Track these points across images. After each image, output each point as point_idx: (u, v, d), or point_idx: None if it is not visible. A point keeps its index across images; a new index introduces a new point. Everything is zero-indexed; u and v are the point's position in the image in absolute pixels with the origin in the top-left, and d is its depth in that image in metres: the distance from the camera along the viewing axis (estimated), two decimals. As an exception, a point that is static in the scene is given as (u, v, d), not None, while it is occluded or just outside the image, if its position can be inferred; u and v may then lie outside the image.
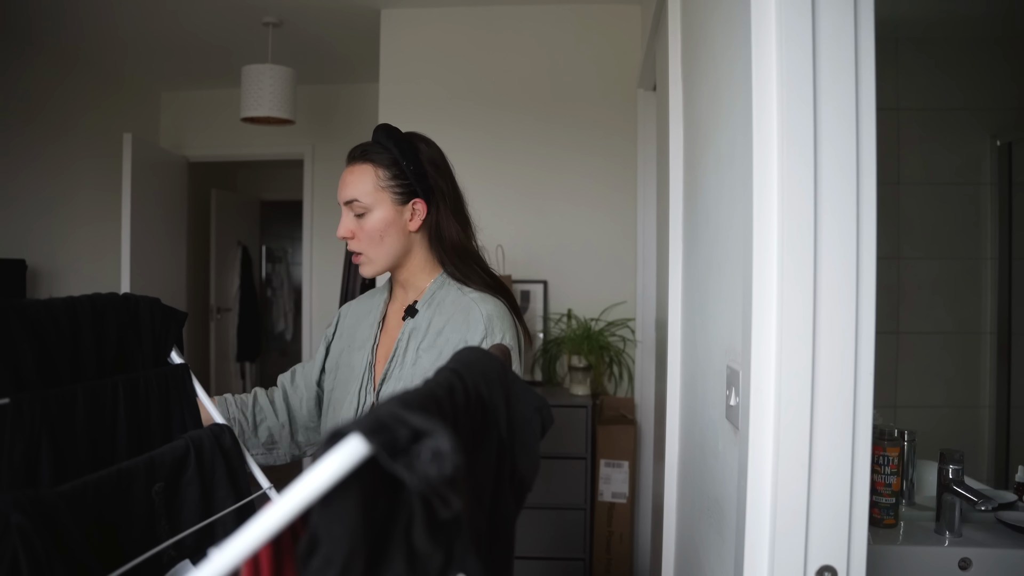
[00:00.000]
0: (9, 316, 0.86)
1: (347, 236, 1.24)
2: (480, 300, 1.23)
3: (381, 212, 1.23)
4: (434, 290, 1.27)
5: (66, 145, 3.95)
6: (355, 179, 1.23)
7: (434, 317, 1.24)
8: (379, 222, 1.23)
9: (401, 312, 1.30)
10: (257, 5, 3.23)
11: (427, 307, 1.26)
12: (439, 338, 1.21)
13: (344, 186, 1.24)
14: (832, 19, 0.81)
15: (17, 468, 0.81)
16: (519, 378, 0.70)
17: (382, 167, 1.23)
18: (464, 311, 1.22)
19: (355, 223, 1.24)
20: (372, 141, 1.26)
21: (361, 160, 1.24)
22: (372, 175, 1.23)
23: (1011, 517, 1.38)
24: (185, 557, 0.90)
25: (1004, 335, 1.87)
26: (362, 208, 1.22)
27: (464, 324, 1.20)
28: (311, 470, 0.37)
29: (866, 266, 0.81)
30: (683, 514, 1.54)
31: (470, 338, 1.19)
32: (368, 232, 1.23)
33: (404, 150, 1.24)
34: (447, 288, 1.27)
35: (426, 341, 1.22)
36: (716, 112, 1.21)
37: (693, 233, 1.49)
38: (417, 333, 1.23)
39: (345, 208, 1.24)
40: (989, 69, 1.93)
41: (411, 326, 1.25)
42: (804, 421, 0.81)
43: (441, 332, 1.21)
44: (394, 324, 1.30)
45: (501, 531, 0.62)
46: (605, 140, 3.19)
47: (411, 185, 1.24)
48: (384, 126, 1.26)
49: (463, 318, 1.21)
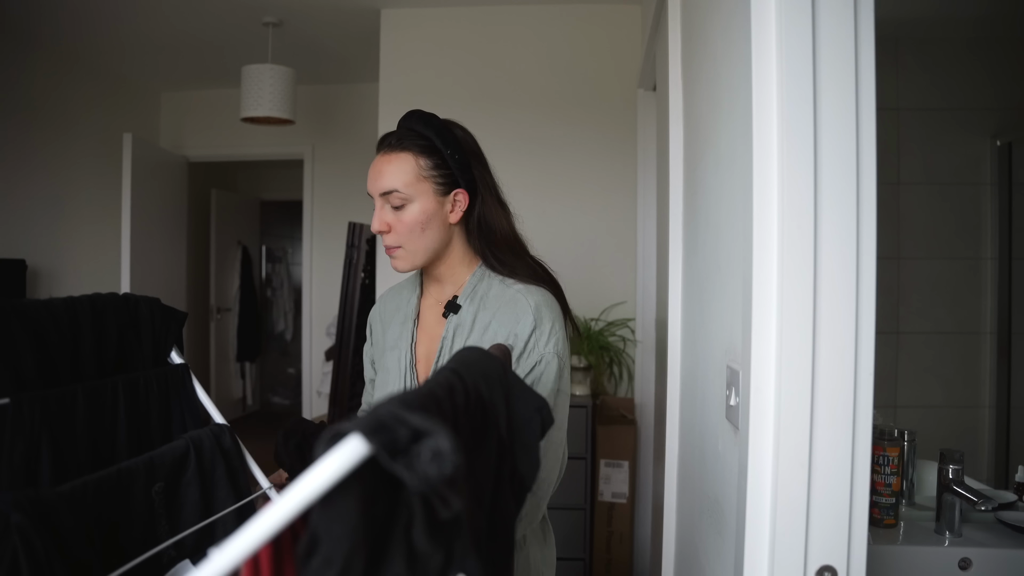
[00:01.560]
0: (9, 316, 0.86)
1: (383, 230, 1.16)
2: (526, 291, 1.17)
3: (422, 203, 1.15)
4: (474, 283, 1.21)
5: (66, 145, 3.95)
6: (393, 168, 1.15)
7: (479, 312, 1.18)
8: (420, 214, 1.15)
9: (437, 308, 1.24)
10: (257, 5, 3.23)
11: (469, 301, 1.20)
12: (486, 333, 1.15)
13: (380, 176, 1.16)
14: (832, 19, 0.81)
15: (17, 468, 0.81)
16: (519, 378, 0.70)
17: (423, 156, 1.15)
18: (511, 303, 1.16)
19: (392, 215, 1.16)
20: (406, 128, 1.18)
21: (399, 148, 1.16)
22: (413, 164, 1.15)
23: (1011, 517, 1.38)
24: (185, 557, 0.90)
25: (1004, 335, 1.87)
26: (402, 199, 1.14)
27: (512, 317, 1.14)
28: (311, 470, 0.37)
29: (866, 266, 0.81)
30: (683, 514, 1.54)
31: (519, 330, 1.13)
32: (408, 225, 1.15)
33: (446, 138, 1.17)
34: (488, 281, 1.21)
35: (472, 337, 1.16)
36: (716, 112, 1.21)
37: (693, 233, 1.49)
38: (462, 329, 1.18)
39: (380, 199, 1.16)
40: (989, 69, 1.93)
41: (455, 322, 1.18)
42: (804, 421, 0.81)
43: (488, 327, 1.16)
44: (431, 321, 1.24)
45: (501, 531, 0.62)
46: (605, 140, 3.19)
47: (452, 175, 1.17)
48: (420, 112, 1.19)
49: (510, 310, 1.15)
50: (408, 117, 1.19)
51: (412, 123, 1.18)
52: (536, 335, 1.12)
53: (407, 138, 1.16)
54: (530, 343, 1.12)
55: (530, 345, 1.12)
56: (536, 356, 1.12)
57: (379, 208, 1.16)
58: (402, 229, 1.15)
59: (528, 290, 1.17)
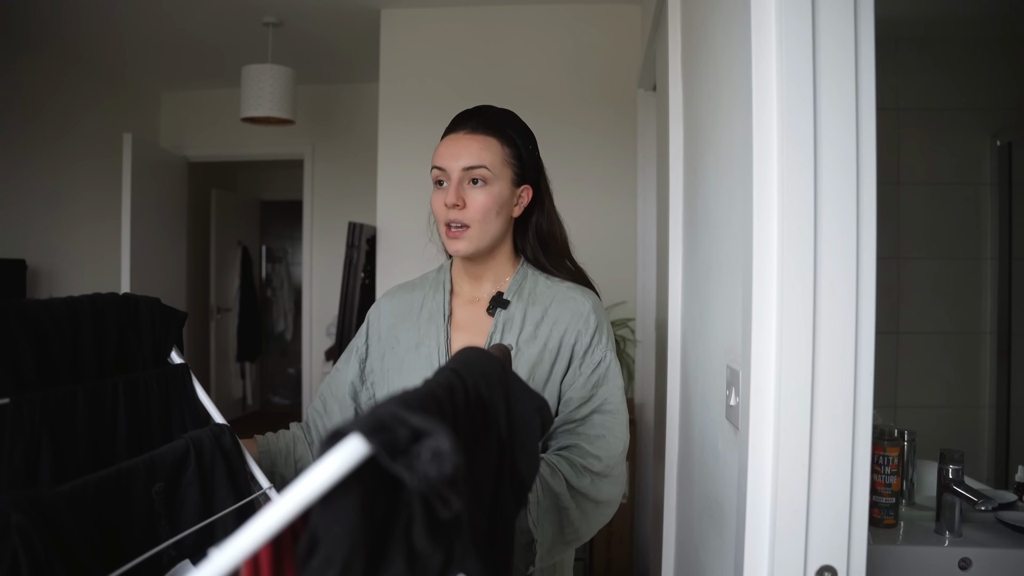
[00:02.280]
0: (9, 316, 0.86)
1: (459, 204, 1.13)
2: (580, 291, 1.19)
3: (500, 187, 1.15)
4: (519, 281, 1.21)
5: (66, 145, 3.95)
6: (482, 147, 1.14)
7: (528, 308, 1.18)
8: (498, 196, 1.15)
9: (471, 306, 1.22)
10: (257, 5, 3.23)
11: (517, 298, 1.19)
12: (539, 329, 1.16)
13: (469, 150, 1.13)
14: (832, 19, 0.81)
15: (17, 468, 0.81)
16: (519, 378, 0.70)
17: (507, 144, 1.16)
18: (567, 301, 1.18)
19: (469, 193, 1.14)
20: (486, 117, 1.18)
21: (486, 131, 1.16)
22: (499, 148, 1.15)
23: (1011, 517, 1.38)
24: (185, 557, 0.90)
25: (1004, 335, 1.87)
26: (486, 176, 1.13)
27: (571, 314, 1.16)
28: (311, 470, 0.37)
29: (866, 266, 0.81)
30: (683, 514, 1.54)
31: (583, 328, 1.15)
32: (484, 204, 1.13)
33: (524, 135, 1.19)
34: (532, 278, 1.22)
35: (525, 333, 1.16)
36: (716, 112, 1.21)
37: (693, 233, 1.49)
38: (511, 325, 1.17)
39: (461, 174, 1.13)
40: (989, 69, 1.93)
41: (503, 318, 1.18)
42: (804, 421, 0.81)
43: (540, 323, 1.16)
44: (466, 319, 1.22)
45: (501, 531, 0.62)
46: (605, 140, 3.19)
47: (524, 170, 1.19)
48: (494, 107, 1.21)
49: (567, 308, 1.17)
50: (481, 109, 1.21)
51: (491, 116, 1.19)
52: (598, 334, 1.16)
53: (493, 125, 1.17)
54: (594, 341, 1.16)
55: (594, 343, 1.16)
56: (600, 354, 1.15)
57: (455, 183, 1.13)
58: (477, 208, 1.14)
59: (581, 290, 1.20)
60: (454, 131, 1.18)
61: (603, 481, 1.09)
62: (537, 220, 1.24)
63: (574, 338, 1.15)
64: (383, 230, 3.29)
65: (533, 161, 1.21)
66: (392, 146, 3.25)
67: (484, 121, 1.17)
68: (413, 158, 3.23)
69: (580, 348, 1.15)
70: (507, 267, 1.23)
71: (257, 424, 5.88)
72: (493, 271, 1.22)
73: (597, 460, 1.09)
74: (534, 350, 1.15)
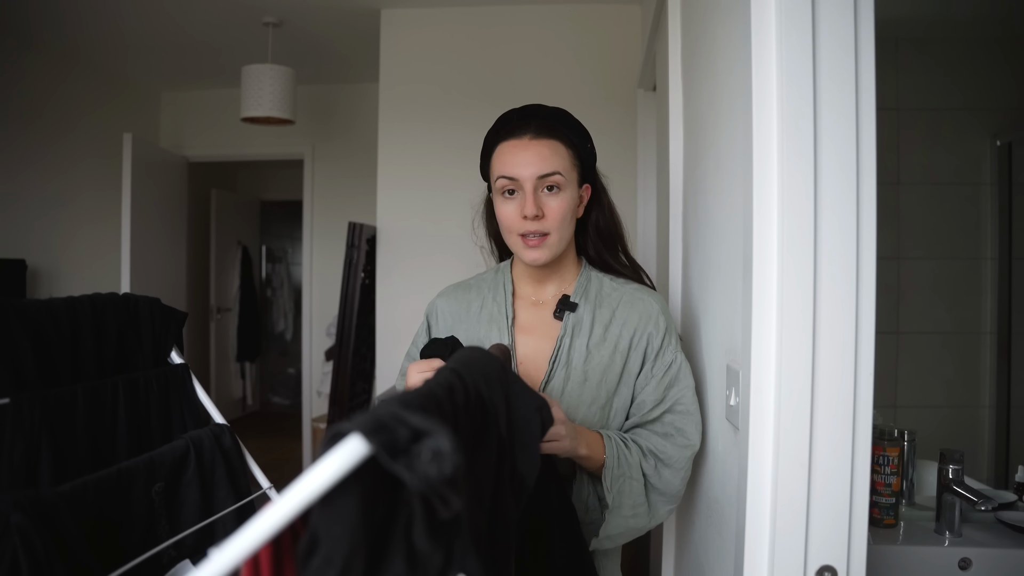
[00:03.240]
0: (9, 316, 0.86)
1: (540, 214, 1.10)
2: (647, 293, 1.18)
3: (571, 191, 1.13)
4: (584, 283, 1.20)
5: (66, 145, 3.95)
6: (551, 152, 1.11)
7: (596, 311, 1.16)
8: (572, 201, 1.14)
9: (535, 308, 1.20)
10: (257, 5, 3.23)
11: (584, 301, 1.17)
12: (608, 331, 1.15)
13: (540, 158, 1.10)
14: (832, 19, 0.81)
15: (17, 468, 0.81)
16: (519, 378, 0.70)
17: (569, 146, 1.14)
18: (635, 303, 1.16)
19: (546, 200, 1.11)
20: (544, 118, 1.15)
21: (550, 135, 1.13)
22: (565, 152, 1.13)
23: (1011, 517, 1.37)
24: (185, 557, 0.90)
25: (1004, 335, 1.87)
26: (560, 183, 1.11)
27: (641, 316, 1.15)
28: (311, 470, 0.37)
29: (866, 266, 0.81)
30: (683, 514, 1.54)
31: (653, 330, 1.14)
32: (561, 211, 1.11)
33: (581, 133, 1.18)
34: (596, 280, 1.20)
35: (595, 336, 1.15)
36: (716, 112, 1.21)
37: (693, 233, 1.49)
38: (581, 328, 1.15)
39: (536, 182, 1.10)
40: (989, 69, 1.92)
41: (572, 321, 1.16)
42: (804, 421, 0.81)
43: (609, 325, 1.15)
44: (531, 322, 1.19)
45: (501, 531, 0.62)
46: (605, 140, 3.16)
47: (584, 170, 1.18)
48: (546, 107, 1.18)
49: (637, 310, 1.16)
50: (537, 108, 1.18)
51: (547, 115, 1.17)
52: (668, 336, 1.15)
53: (553, 127, 1.15)
54: (664, 343, 1.15)
55: (664, 345, 1.15)
56: (670, 356, 1.15)
57: (531, 192, 1.10)
58: (555, 215, 1.12)
59: (647, 291, 1.20)
60: (515, 136, 1.13)
61: (666, 470, 1.10)
62: (596, 217, 1.22)
63: (645, 340, 1.14)
64: (383, 230, 3.29)
65: (591, 159, 1.20)
66: (392, 146, 3.25)
67: (545, 123, 1.14)
68: (413, 158, 3.23)
69: (652, 350, 1.14)
70: (571, 269, 1.22)
71: (257, 424, 5.88)
72: (559, 274, 1.21)
73: (663, 451, 1.10)
74: (605, 353, 1.14)
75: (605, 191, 1.25)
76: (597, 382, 1.13)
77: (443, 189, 3.18)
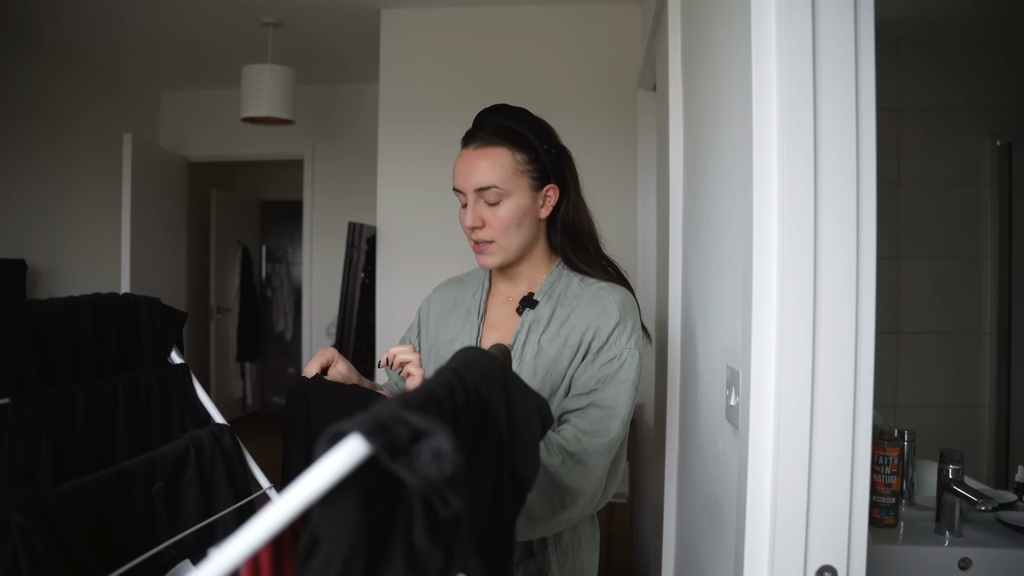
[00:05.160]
0: (9, 316, 0.86)
1: (478, 225, 1.14)
2: (609, 288, 1.18)
3: (518, 199, 1.14)
4: (552, 282, 1.21)
5: (66, 145, 3.95)
6: (491, 163, 1.13)
7: (556, 309, 1.18)
8: (517, 209, 1.14)
9: (506, 305, 1.23)
10: (257, 5, 3.23)
11: (547, 299, 1.19)
12: (563, 327, 1.15)
13: (475, 171, 1.14)
14: (832, 19, 0.81)
15: (17, 468, 0.81)
16: (519, 378, 0.70)
17: (519, 150, 1.15)
18: (594, 299, 1.16)
19: (487, 211, 1.14)
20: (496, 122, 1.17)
21: (494, 142, 1.14)
22: (510, 158, 1.14)
23: (1011, 517, 1.38)
24: (185, 557, 0.90)
25: (1004, 335, 1.87)
26: (499, 195, 1.13)
27: (595, 310, 1.15)
28: (311, 470, 0.37)
29: (866, 266, 0.81)
30: (683, 514, 1.54)
31: (602, 323, 1.13)
32: (504, 220, 1.14)
33: (541, 133, 1.18)
34: (566, 279, 1.21)
35: (549, 331, 1.16)
36: (716, 112, 1.21)
37: (693, 233, 1.49)
38: (538, 324, 1.17)
39: (475, 195, 1.14)
40: (989, 69, 1.92)
41: (531, 318, 1.18)
42: (804, 421, 0.81)
43: (565, 322, 1.16)
44: (500, 318, 1.23)
45: (501, 531, 0.62)
46: (605, 140, 3.19)
47: (545, 170, 1.17)
48: (508, 107, 1.19)
49: (593, 305, 1.15)
50: (495, 111, 1.19)
51: (502, 117, 1.18)
52: (619, 330, 1.13)
53: (501, 132, 1.15)
54: (612, 337, 1.13)
55: (612, 339, 1.13)
56: (616, 350, 1.13)
57: (472, 203, 1.15)
58: (498, 225, 1.14)
59: (611, 287, 1.19)
60: (466, 144, 1.18)
61: (576, 467, 1.05)
62: (563, 215, 1.22)
63: (593, 333, 1.14)
64: (383, 230, 3.29)
65: (554, 157, 1.19)
66: (392, 146, 3.25)
67: (492, 130, 1.15)
68: (413, 158, 3.23)
69: (598, 342, 1.13)
70: (542, 267, 1.23)
71: (257, 424, 5.88)
72: (527, 273, 1.23)
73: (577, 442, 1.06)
74: (554, 347, 1.15)
75: (576, 187, 1.24)
76: (543, 376, 1.14)
77: (443, 189, 3.16)
